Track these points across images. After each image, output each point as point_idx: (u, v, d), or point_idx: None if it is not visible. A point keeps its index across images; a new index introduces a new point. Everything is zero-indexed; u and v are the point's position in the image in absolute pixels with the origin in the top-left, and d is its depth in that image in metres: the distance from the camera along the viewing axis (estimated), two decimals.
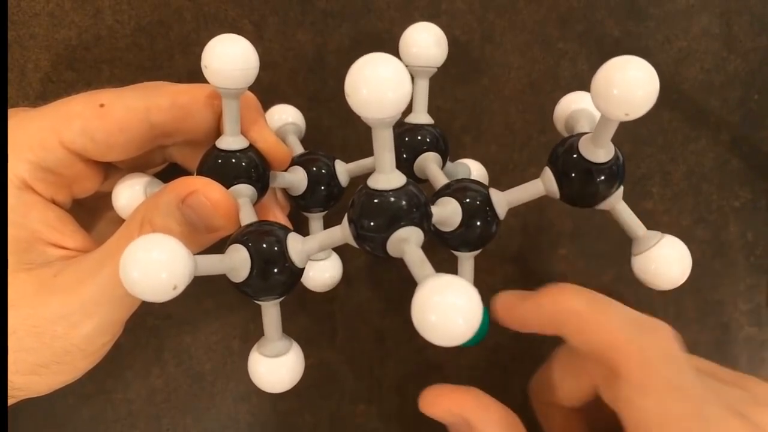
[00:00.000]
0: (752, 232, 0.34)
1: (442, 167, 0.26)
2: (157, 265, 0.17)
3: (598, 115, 0.21)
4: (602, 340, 0.22)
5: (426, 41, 0.25)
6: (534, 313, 0.24)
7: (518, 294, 0.25)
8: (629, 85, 0.18)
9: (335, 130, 0.31)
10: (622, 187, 0.23)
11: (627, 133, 0.33)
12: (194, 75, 0.30)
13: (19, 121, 0.24)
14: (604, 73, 0.19)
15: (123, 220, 0.24)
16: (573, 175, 0.22)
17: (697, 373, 0.23)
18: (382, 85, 0.17)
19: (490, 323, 0.25)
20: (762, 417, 0.24)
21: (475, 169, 0.29)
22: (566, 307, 0.23)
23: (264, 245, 0.20)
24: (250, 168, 0.24)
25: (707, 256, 0.34)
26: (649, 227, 0.23)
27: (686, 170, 0.33)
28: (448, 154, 0.27)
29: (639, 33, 0.32)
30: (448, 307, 0.16)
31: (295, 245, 0.21)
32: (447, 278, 0.16)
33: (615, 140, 0.22)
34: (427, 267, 0.18)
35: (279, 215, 0.27)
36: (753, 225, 0.34)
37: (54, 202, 0.24)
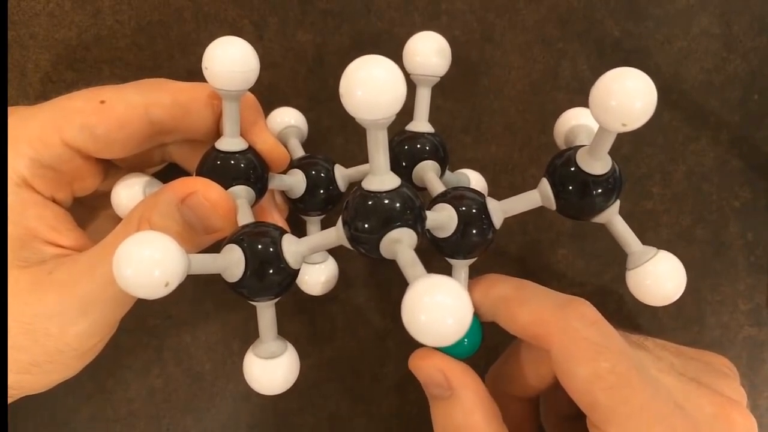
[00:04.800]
0: (752, 232, 0.34)
1: (442, 176, 0.26)
2: (149, 262, 0.17)
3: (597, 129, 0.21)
4: (529, 320, 0.23)
5: (430, 50, 0.25)
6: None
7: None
8: (627, 96, 0.18)
9: (335, 130, 0.31)
10: (618, 201, 0.23)
11: (627, 133, 0.32)
12: (194, 75, 0.30)
13: (19, 118, 0.24)
14: (603, 84, 0.19)
15: (121, 219, 0.24)
16: (570, 187, 0.22)
17: (628, 339, 0.23)
18: (376, 87, 0.17)
19: (486, 326, 0.25)
20: (719, 383, 0.24)
21: (474, 180, 0.29)
22: (495, 296, 0.24)
23: (259, 246, 0.20)
24: (249, 170, 0.24)
25: (707, 256, 0.34)
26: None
27: (686, 170, 0.33)
28: (447, 163, 0.27)
29: (639, 33, 0.32)
30: (437, 307, 0.16)
31: (290, 246, 0.21)
32: (437, 278, 0.16)
33: (615, 140, 0.22)
34: (419, 268, 0.18)
35: (277, 218, 0.27)
36: (753, 225, 0.34)
37: (54, 200, 0.25)
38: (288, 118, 0.29)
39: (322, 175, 0.26)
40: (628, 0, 0.31)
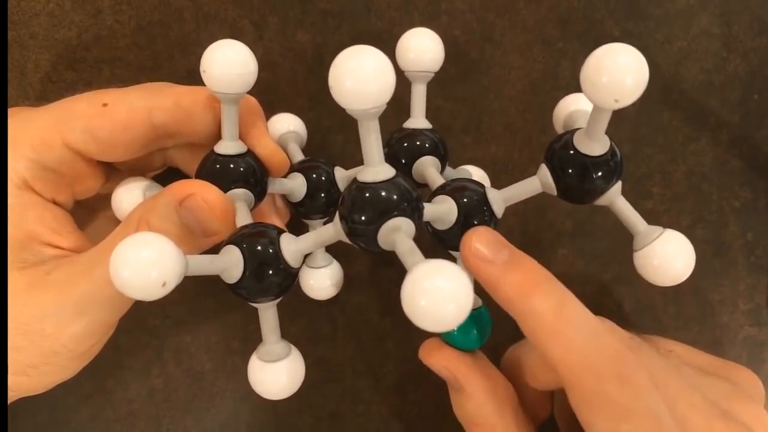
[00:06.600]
0: (752, 232, 0.34)
1: (442, 172, 0.26)
2: (146, 263, 0.17)
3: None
4: (555, 354, 0.21)
5: (422, 46, 0.25)
6: (498, 286, 0.22)
7: (493, 249, 0.22)
8: (618, 71, 0.18)
9: (335, 130, 0.31)
10: (620, 182, 0.23)
11: (627, 132, 0.33)
12: (194, 75, 0.30)
13: (21, 119, 0.24)
14: (594, 61, 0.19)
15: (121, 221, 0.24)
16: (570, 170, 0.22)
17: (658, 392, 0.22)
18: (365, 77, 0.17)
19: (494, 316, 0.25)
20: (743, 410, 0.24)
21: (477, 176, 0.29)
22: (531, 306, 0.22)
23: (257, 247, 0.20)
24: (248, 173, 0.24)
25: (707, 256, 0.34)
26: None
27: (686, 170, 0.33)
28: (447, 159, 0.27)
29: (639, 33, 0.31)
30: (437, 292, 0.16)
31: (289, 245, 0.21)
32: (436, 263, 0.16)
33: (615, 140, 0.22)
34: (418, 255, 0.18)
35: (276, 222, 0.27)
36: (753, 225, 0.34)
37: (55, 202, 0.25)
38: (287, 124, 0.29)
39: (323, 178, 0.26)
40: (628, 0, 0.31)
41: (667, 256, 0.22)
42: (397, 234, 0.19)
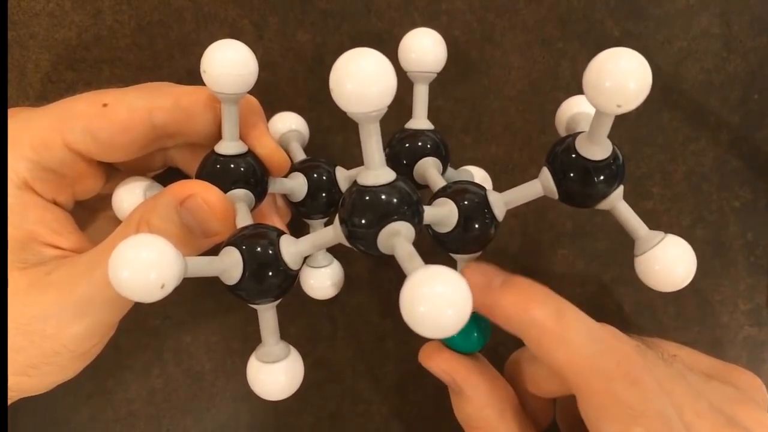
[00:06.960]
0: (752, 232, 0.34)
1: (443, 173, 0.26)
2: (145, 264, 0.16)
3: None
4: (560, 359, 0.21)
5: (425, 47, 0.25)
6: (497, 308, 0.22)
7: (488, 277, 0.23)
8: (621, 76, 0.18)
9: (335, 130, 0.31)
10: (622, 186, 0.23)
11: (627, 133, 0.33)
12: (194, 75, 0.30)
13: (22, 120, 0.24)
14: (596, 65, 0.19)
15: (121, 221, 0.24)
16: (571, 174, 0.22)
17: (666, 393, 0.22)
18: (366, 79, 0.17)
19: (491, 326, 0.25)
20: (747, 416, 0.24)
21: (479, 177, 0.29)
22: (530, 318, 0.22)
23: (257, 248, 0.20)
24: (248, 173, 0.24)
25: (707, 256, 0.34)
26: (649, 228, 0.23)
27: (686, 170, 0.33)
28: (448, 160, 0.27)
29: (639, 33, 0.31)
30: (436, 298, 0.15)
31: (288, 247, 0.21)
32: (435, 269, 0.16)
33: (615, 140, 0.22)
34: (417, 260, 0.18)
35: (277, 222, 0.27)
36: (753, 225, 0.34)
37: (55, 202, 0.25)
38: (289, 123, 0.29)
39: (324, 177, 0.26)
40: (628, 0, 0.31)
41: (668, 262, 0.22)
42: (397, 238, 0.19)
